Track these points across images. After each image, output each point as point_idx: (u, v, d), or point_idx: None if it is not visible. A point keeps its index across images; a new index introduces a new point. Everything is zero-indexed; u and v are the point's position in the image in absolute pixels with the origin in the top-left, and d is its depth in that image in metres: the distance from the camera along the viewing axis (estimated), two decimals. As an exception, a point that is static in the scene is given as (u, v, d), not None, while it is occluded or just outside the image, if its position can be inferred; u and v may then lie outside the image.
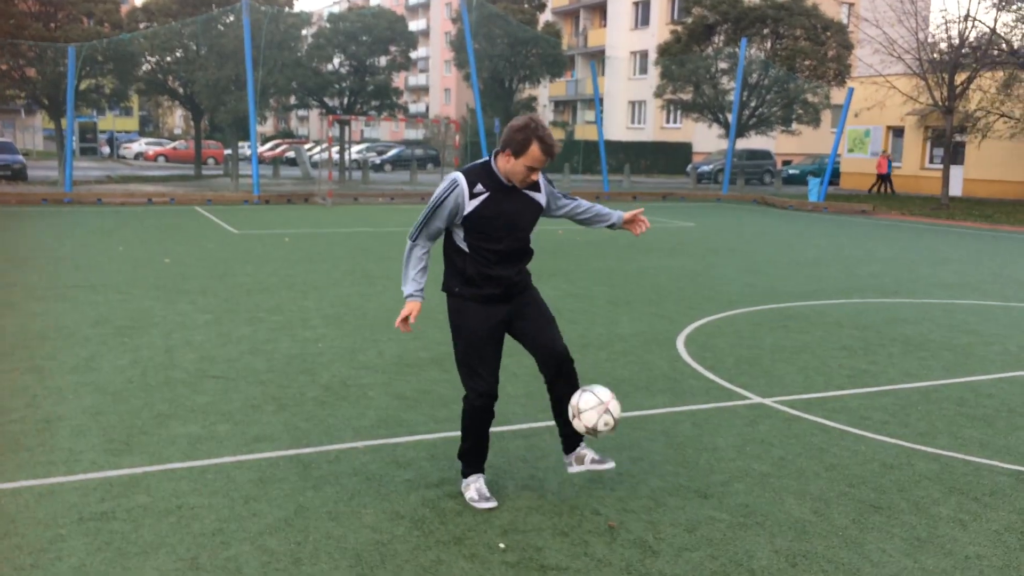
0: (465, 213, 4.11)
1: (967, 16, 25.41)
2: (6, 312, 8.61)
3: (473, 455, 4.37)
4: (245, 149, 45.02)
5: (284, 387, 6.22)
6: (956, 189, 31.59)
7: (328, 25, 31.93)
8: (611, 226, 4.60)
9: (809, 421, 5.71)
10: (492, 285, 4.20)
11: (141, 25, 30.51)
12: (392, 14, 33.02)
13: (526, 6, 30.40)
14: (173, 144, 57.48)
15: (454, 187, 4.10)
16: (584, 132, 56.20)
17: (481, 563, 3.71)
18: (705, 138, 48.03)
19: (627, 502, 4.36)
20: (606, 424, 4.16)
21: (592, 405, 4.17)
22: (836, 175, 37.56)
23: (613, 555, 3.80)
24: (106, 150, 61.24)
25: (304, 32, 30.66)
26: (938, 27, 25.97)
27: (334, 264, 12.32)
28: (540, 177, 4.30)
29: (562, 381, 4.36)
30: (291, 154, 48.93)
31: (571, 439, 4.46)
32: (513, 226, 4.20)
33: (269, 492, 4.40)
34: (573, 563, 3.73)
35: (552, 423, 5.53)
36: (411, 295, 4.22)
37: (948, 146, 26.67)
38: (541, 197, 4.33)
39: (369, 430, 5.35)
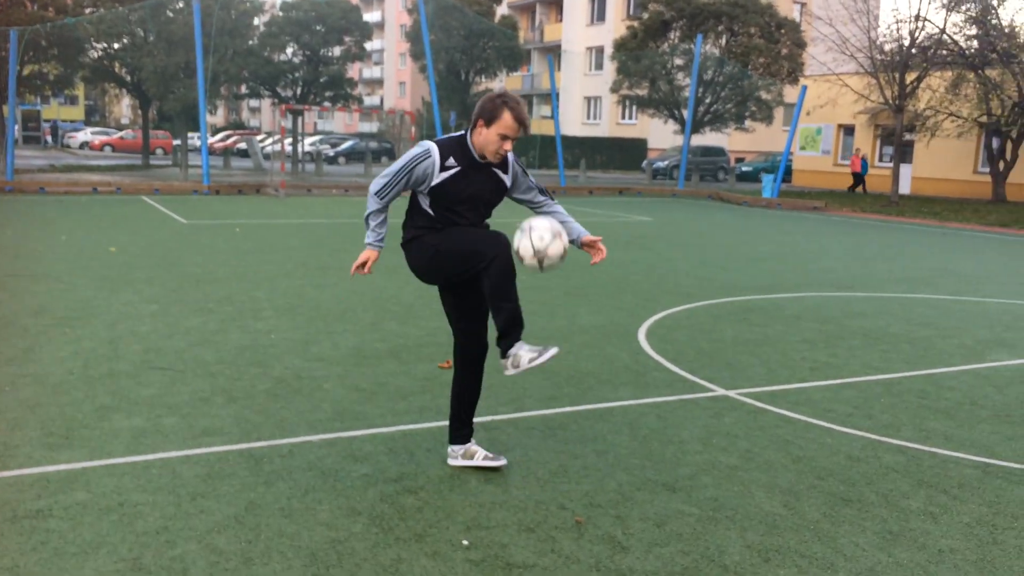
0: (433, 184, 4.10)
1: (917, 16, 25.79)
2: (-61, 301, 8.20)
3: (513, 319, 4.10)
4: (195, 140, 44.09)
5: (234, 379, 5.97)
6: (905, 187, 32.12)
7: (281, 14, 31.33)
8: (578, 237, 4.44)
9: (774, 413, 5.63)
10: None
11: (87, 11, 29.65)
12: (346, 3, 32.53)
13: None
14: (120, 134, 56.07)
15: (426, 156, 4.10)
16: (540, 127, 56.04)
17: (444, 561, 3.54)
18: (660, 134, 48.30)
19: (594, 496, 4.22)
20: (534, 267, 4.12)
21: (530, 254, 4.10)
22: (788, 173, 37.98)
23: (581, 551, 3.66)
24: (49, 139, 59.50)
25: (257, 21, 30.03)
26: (889, 27, 26.33)
27: (287, 255, 12.02)
28: (511, 156, 4.29)
29: (476, 366, 4.50)
30: (242, 145, 48.02)
31: (466, 434, 4.56)
32: (478, 202, 4.23)
33: (218, 488, 4.17)
34: (540, 560, 3.57)
35: (512, 415, 5.42)
36: (371, 243, 4.25)
37: (898, 144, 27.07)
38: (507, 178, 4.31)
39: (324, 423, 5.14)
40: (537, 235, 4.10)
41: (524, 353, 4.08)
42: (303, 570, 3.43)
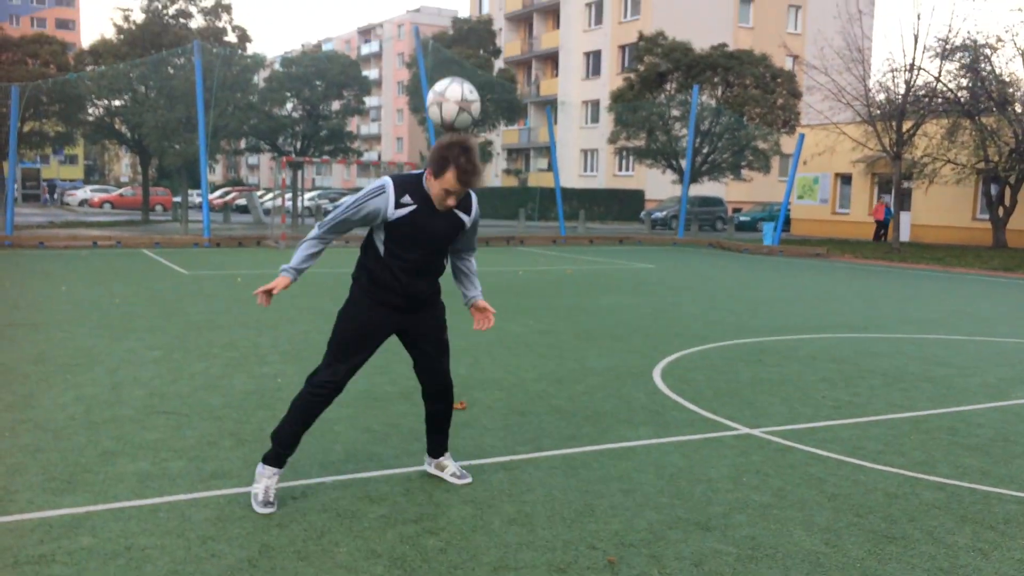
0: (388, 220, 4.06)
1: (912, 65, 26.07)
2: (-63, 349, 8.02)
3: (290, 438, 4.28)
4: (195, 197, 44.24)
5: (241, 422, 5.78)
6: (904, 235, 32.16)
7: (281, 69, 31.64)
8: (465, 298, 4.56)
9: (802, 451, 5.44)
10: (397, 294, 4.21)
11: (88, 68, 29.94)
12: (346, 58, 32.90)
13: (481, 52, 30.49)
14: (119, 191, 56.29)
15: (380, 192, 4.05)
16: (537, 180, 56.48)
17: (472, 604, 3.33)
18: (657, 185, 48.58)
19: (624, 536, 4.02)
20: (450, 111, 4.12)
21: (455, 96, 4.13)
22: (787, 222, 38.08)
23: (617, 592, 3.45)
24: (48, 197, 59.72)
25: (257, 78, 30.32)
26: (884, 75, 26.58)
27: (290, 302, 11.87)
28: (474, 198, 4.28)
29: (439, 399, 4.55)
30: (242, 201, 48.17)
31: (438, 447, 4.69)
32: (432, 241, 4.18)
33: (229, 531, 3.96)
34: (574, 602, 3.36)
35: (531, 454, 5.23)
36: (286, 269, 4.18)
37: (897, 191, 27.15)
38: (467, 219, 4.29)
39: (337, 465, 4.94)
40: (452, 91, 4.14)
41: (266, 492, 4.23)
42: (323, 615, 3.21)
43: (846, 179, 36.21)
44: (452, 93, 4.13)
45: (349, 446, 5.31)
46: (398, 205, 4.03)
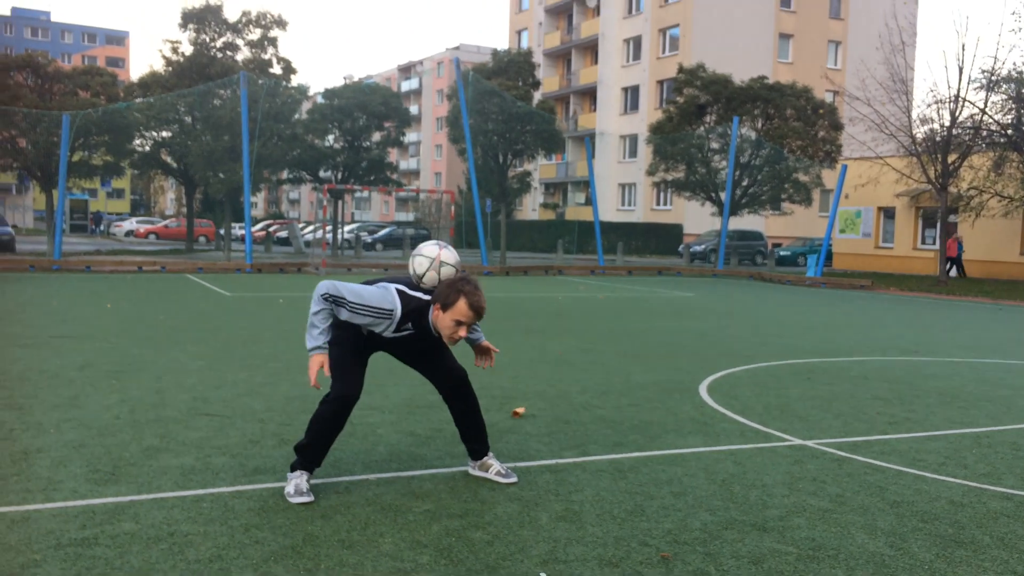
0: (386, 337, 4.23)
1: (957, 96, 25.74)
2: (-15, 356, 8.10)
3: (313, 452, 4.27)
4: (237, 229, 44.85)
5: (285, 424, 5.73)
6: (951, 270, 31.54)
7: (324, 101, 32.11)
8: (474, 342, 4.55)
9: (859, 461, 5.25)
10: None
11: (138, 101, 30.62)
12: (387, 90, 33.33)
13: (520, 84, 30.70)
14: (164, 222, 57.29)
15: (386, 316, 4.11)
16: (575, 213, 56.52)
17: (523, 593, 3.20)
18: (696, 219, 48.34)
19: (677, 535, 3.87)
20: (448, 273, 4.21)
21: (425, 268, 4.22)
22: (829, 257, 37.60)
23: (673, 586, 3.31)
24: (99, 228, 60.97)
25: (299, 110, 30.79)
26: (929, 106, 26.26)
27: (331, 321, 11.86)
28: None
29: (460, 397, 4.51)
30: (283, 233, 48.77)
31: (478, 448, 4.62)
32: (413, 355, 4.43)
33: (272, 521, 3.89)
34: (629, 594, 3.23)
35: (578, 459, 5.10)
36: (321, 347, 4.14)
37: (943, 222, 26.69)
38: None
39: (381, 464, 4.86)
40: (447, 255, 4.29)
41: (298, 485, 4.19)
42: (370, 599, 3.11)
43: (889, 213, 35.72)
44: (448, 256, 4.27)
45: (392, 447, 5.23)
46: (398, 330, 4.17)
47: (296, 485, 4.21)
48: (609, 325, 12.52)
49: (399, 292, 4.15)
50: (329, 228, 35.89)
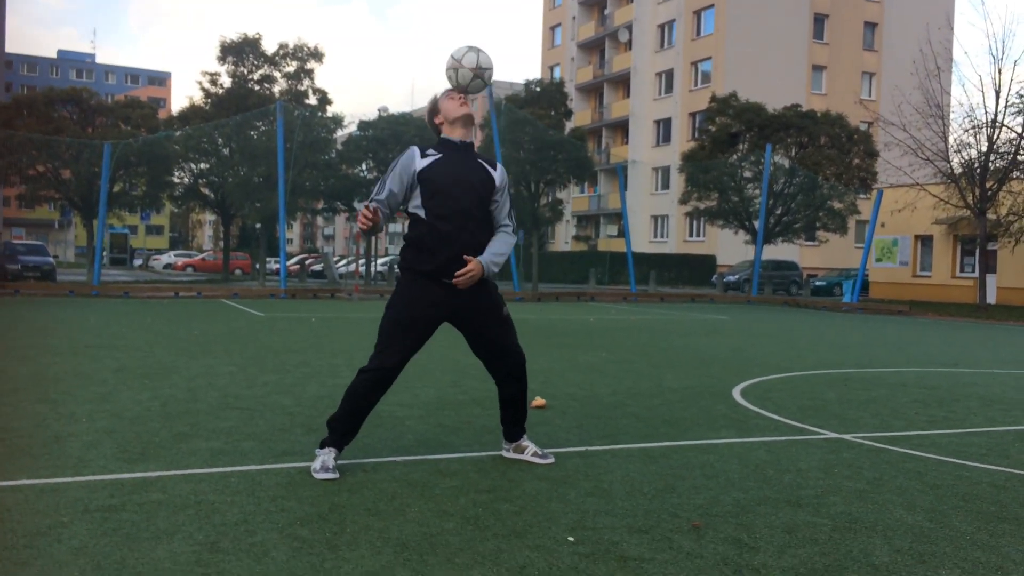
0: (417, 170, 4.17)
1: (994, 121, 25.46)
2: (21, 363, 8.22)
3: (343, 425, 4.24)
4: (272, 264, 45.32)
5: (313, 417, 5.72)
6: (991, 297, 30.97)
7: (359, 132, 32.54)
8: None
9: (897, 452, 5.12)
10: (446, 249, 4.14)
11: (177, 133, 31.26)
12: (421, 121, 33.67)
13: (552, 113, 30.90)
14: (201, 255, 58.14)
15: (405, 151, 4.28)
16: (607, 245, 56.44)
17: (549, 553, 3.15)
18: (730, 250, 48.01)
19: (709, 508, 3.79)
20: (465, 76, 4.24)
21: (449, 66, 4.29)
22: (865, 286, 37.13)
23: (704, 549, 3.23)
24: (137, 261, 62.01)
25: (336, 136, 31.20)
26: (966, 131, 25.99)
27: (362, 335, 11.92)
28: (499, 165, 4.43)
29: (513, 380, 4.44)
30: (317, 267, 49.24)
31: (516, 431, 4.58)
32: (469, 185, 4.22)
33: (299, 493, 3.87)
34: (658, 555, 3.15)
35: (608, 446, 5.04)
36: (379, 200, 4.18)
37: (982, 251, 26.25)
38: (496, 174, 4.36)
39: (409, 448, 4.83)
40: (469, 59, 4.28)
41: (324, 461, 4.18)
42: (394, 556, 3.07)
43: (926, 241, 35.25)
44: (468, 61, 4.28)
45: (420, 435, 5.20)
46: (423, 155, 4.21)
47: (323, 461, 4.19)
48: (641, 341, 12.42)
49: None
50: (363, 262, 36.16)
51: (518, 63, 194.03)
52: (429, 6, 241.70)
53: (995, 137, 25.47)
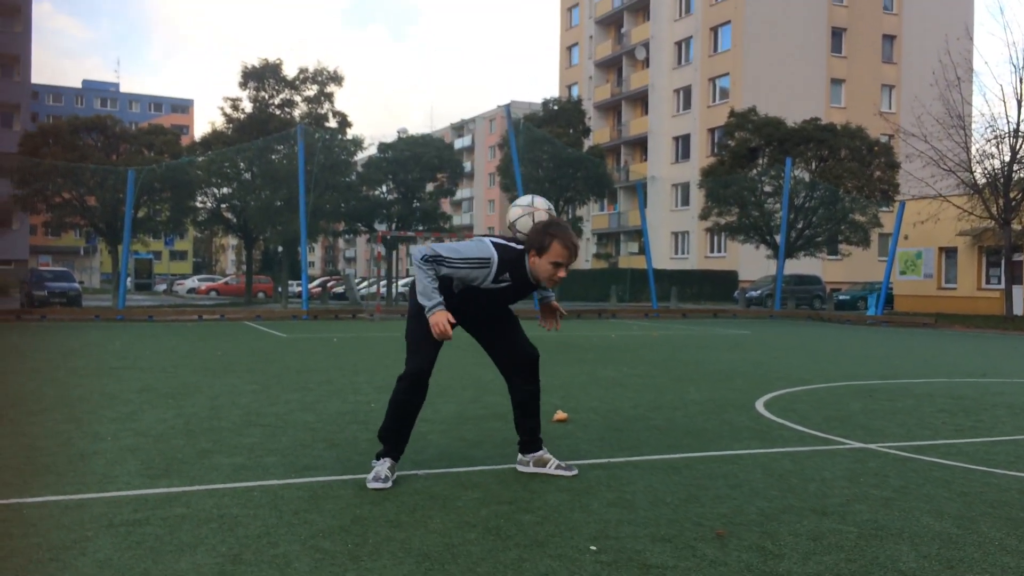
0: (480, 284, 4.19)
1: (1016, 131, 25.25)
2: (49, 384, 8.31)
3: (394, 434, 4.32)
4: (294, 286, 45.62)
5: (336, 432, 5.74)
6: (1017, 309, 30.57)
7: (379, 154, 32.77)
8: (544, 299, 4.69)
9: (924, 460, 5.06)
10: (459, 312, 4.32)
11: (199, 159, 31.61)
12: (440, 141, 33.96)
13: (571, 131, 30.98)
14: (224, 279, 58.61)
15: (484, 266, 4.15)
16: (628, 263, 56.32)
17: (571, 562, 3.13)
18: (751, 265, 47.76)
19: (733, 517, 3.76)
20: (540, 218, 4.31)
21: (519, 215, 4.39)
22: (890, 300, 36.79)
23: (728, 557, 3.20)
24: (161, 287, 62.63)
25: (356, 158, 31.43)
26: (988, 141, 25.78)
27: (385, 353, 11.94)
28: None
29: (527, 382, 4.49)
30: (339, 289, 49.52)
31: (533, 440, 4.56)
32: (490, 327, 4.45)
33: (321, 506, 3.88)
34: (681, 563, 3.13)
35: (630, 458, 5.01)
36: (438, 303, 4.11)
37: (1008, 259, 25.96)
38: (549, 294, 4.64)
39: (431, 463, 4.83)
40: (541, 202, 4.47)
41: (377, 471, 4.26)
42: (416, 566, 3.07)
43: (950, 253, 34.91)
44: (540, 203, 4.43)
45: (442, 449, 5.20)
46: (496, 281, 4.18)
47: (376, 472, 4.28)
48: (663, 356, 12.37)
49: (494, 243, 4.20)
50: (384, 284, 36.29)
51: (536, 83, 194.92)
52: (447, 29, 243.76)
53: (1018, 147, 25.24)
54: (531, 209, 4.36)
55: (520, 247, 4.23)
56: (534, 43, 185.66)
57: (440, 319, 4.07)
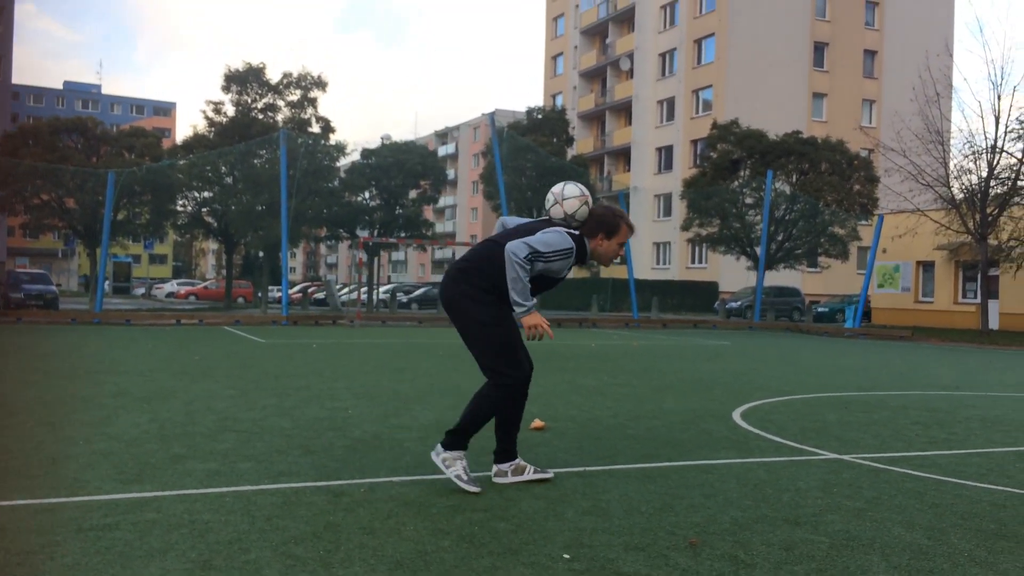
0: (552, 277, 4.32)
1: (994, 147, 25.55)
2: (23, 388, 8.22)
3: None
4: (274, 292, 45.38)
5: (312, 439, 5.71)
6: (993, 323, 30.88)
7: (361, 160, 32.71)
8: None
9: (897, 472, 5.09)
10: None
11: (180, 162, 31.42)
12: (424, 148, 33.91)
13: (555, 140, 31.06)
14: (204, 284, 58.21)
15: (570, 256, 4.27)
16: (609, 272, 56.44)
17: (544, 570, 3.13)
18: (732, 277, 48.01)
19: (706, 527, 3.77)
20: (583, 215, 4.38)
21: (577, 206, 4.36)
22: (867, 313, 37.06)
23: (700, 566, 3.21)
24: (139, 290, 62.11)
25: (339, 164, 31.35)
26: (966, 157, 26.07)
27: (364, 360, 11.91)
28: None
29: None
30: (320, 295, 49.32)
31: (510, 451, 4.54)
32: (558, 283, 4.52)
33: (294, 512, 3.85)
34: (653, 572, 3.13)
35: (606, 466, 5.02)
36: (535, 303, 4.24)
37: (985, 274, 26.23)
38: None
39: (406, 469, 4.82)
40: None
41: (454, 468, 4.35)
42: (388, 573, 3.06)
43: (928, 267, 35.24)
44: (585, 190, 4.50)
45: (419, 457, 5.18)
46: (569, 268, 4.39)
47: (462, 470, 4.32)
48: (643, 366, 12.40)
49: (568, 233, 4.29)
50: (365, 290, 36.16)
51: (520, 91, 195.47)
52: (433, 36, 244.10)
53: (995, 163, 25.55)
54: (585, 198, 4.41)
55: (575, 233, 4.35)
56: (519, 52, 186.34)
57: (540, 319, 4.19)
